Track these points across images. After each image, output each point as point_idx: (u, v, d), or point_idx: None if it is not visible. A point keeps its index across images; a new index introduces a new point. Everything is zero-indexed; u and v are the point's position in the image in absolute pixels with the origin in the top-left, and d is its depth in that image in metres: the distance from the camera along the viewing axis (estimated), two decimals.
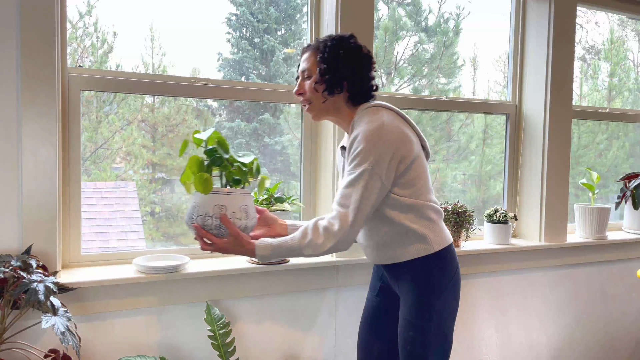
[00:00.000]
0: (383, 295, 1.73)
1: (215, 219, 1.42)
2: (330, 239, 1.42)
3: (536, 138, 2.52)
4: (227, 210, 1.42)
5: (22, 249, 1.57)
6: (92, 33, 1.91)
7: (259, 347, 1.93)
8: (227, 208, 1.42)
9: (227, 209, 1.42)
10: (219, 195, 1.43)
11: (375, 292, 1.75)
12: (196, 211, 1.43)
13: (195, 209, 1.44)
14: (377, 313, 1.73)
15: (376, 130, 1.43)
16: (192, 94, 1.94)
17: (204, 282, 1.80)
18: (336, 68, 1.53)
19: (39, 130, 1.58)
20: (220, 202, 1.42)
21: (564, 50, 2.48)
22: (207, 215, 1.42)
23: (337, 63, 1.53)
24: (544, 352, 2.59)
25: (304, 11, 2.24)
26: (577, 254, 2.59)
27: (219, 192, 1.43)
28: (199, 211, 1.43)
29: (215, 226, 1.42)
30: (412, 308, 1.53)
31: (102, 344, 1.69)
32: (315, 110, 1.59)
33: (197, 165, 1.44)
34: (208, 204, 1.42)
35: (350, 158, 1.46)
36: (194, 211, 1.44)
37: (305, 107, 1.62)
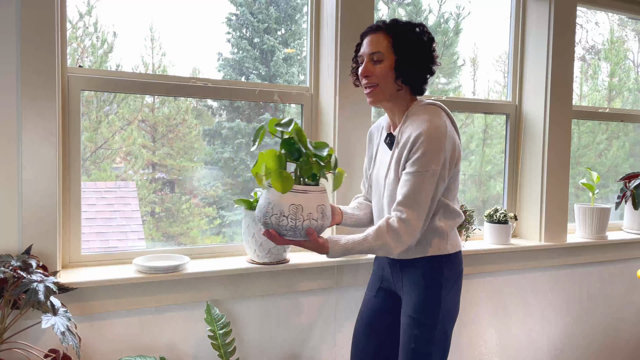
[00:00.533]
0: (382, 296, 1.71)
1: (290, 220, 1.35)
2: (403, 244, 1.45)
3: (536, 138, 2.52)
4: (304, 210, 1.36)
5: (22, 249, 1.57)
6: (92, 33, 1.91)
7: (259, 347, 1.93)
8: (304, 208, 1.36)
9: (303, 208, 1.36)
10: (296, 194, 1.36)
11: (374, 293, 1.74)
12: (271, 209, 1.37)
13: (270, 207, 1.37)
14: (375, 314, 1.72)
15: (442, 133, 1.45)
16: (192, 94, 1.94)
17: (204, 282, 1.80)
18: (417, 57, 1.52)
19: (39, 130, 1.58)
20: (297, 201, 1.35)
21: (564, 50, 2.48)
22: (283, 215, 1.36)
23: (418, 52, 1.52)
24: (544, 352, 2.59)
25: (304, 11, 2.24)
26: (577, 254, 2.59)
27: (296, 191, 1.36)
28: (274, 209, 1.36)
29: (290, 227, 1.36)
30: (418, 305, 1.54)
31: (102, 344, 1.69)
32: (379, 95, 1.54)
33: (274, 160, 1.35)
34: (284, 202, 1.35)
35: (413, 158, 1.45)
36: (268, 208, 1.38)
37: (366, 90, 1.56)
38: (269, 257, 1.85)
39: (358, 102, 2.00)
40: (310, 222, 1.37)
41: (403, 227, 1.43)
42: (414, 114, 1.53)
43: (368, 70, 1.53)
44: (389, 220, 1.46)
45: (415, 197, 1.44)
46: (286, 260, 1.91)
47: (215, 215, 2.17)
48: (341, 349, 2.07)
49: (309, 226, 1.37)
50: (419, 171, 1.44)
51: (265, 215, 1.38)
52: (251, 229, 1.82)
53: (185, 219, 2.13)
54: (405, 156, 1.48)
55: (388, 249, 1.45)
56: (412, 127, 1.49)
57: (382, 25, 1.55)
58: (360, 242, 1.45)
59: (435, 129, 1.45)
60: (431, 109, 1.53)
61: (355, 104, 2.00)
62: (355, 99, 2.00)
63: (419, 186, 1.44)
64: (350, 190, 2.00)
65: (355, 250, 1.46)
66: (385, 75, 1.52)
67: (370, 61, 1.53)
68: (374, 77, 1.52)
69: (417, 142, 1.44)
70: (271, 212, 1.36)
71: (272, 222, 1.37)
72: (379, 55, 1.52)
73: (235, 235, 2.17)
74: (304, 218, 1.36)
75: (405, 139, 1.50)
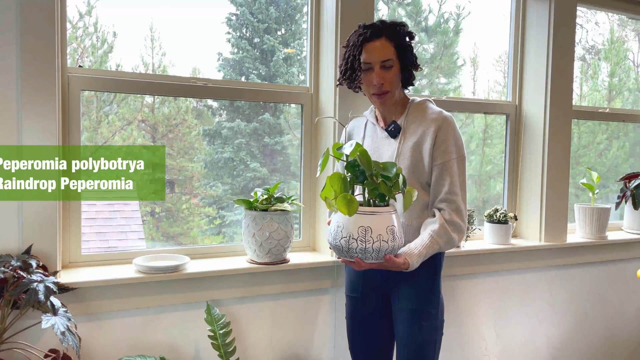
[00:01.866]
0: (369, 296, 1.68)
1: (360, 242, 1.36)
2: (462, 232, 1.55)
3: (536, 138, 2.52)
4: (373, 232, 1.35)
5: (22, 249, 1.57)
6: (92, 33, 1.91)
7: (259, 347, 1.93)
8: (373, 230, 1.35)
9: (372, 230, 1.35)
10: (363, 216, 1.36)
11: (358, 294, 1.69)
12: (340, 232, 1.39)
13: (339, 230, 1.39)
14: (370, 315, 1.69)
15: (453, 119, 1.58)
16: (192, 94, 1.94)
17: (204, 282, 1.80)
18: (413, 59, 1.62)
19: (39, 130, 1.58)
20: (365, 223, 1.36)
21: (564, 50, 2.48)
22: (352, 238, 1.36)
23: (412, 53, 1.62)
24: (544, 352, 2.59)
25: (304, 11, 2.24)
26: (577, 254, 2.59)
27: (364, 213, 1.36)
28: (343, 233, 1.38)
29: (360, 249, 1.36)
30: (421, 296, 1.59)
31: (102, 344, 1.69)
32: (391, 99, 1.61)
33: (339, 183, 1.36)
34: (352, 225, 1.36)
35: (443, 147, 1.54)
36: (337, 232, 1.40)
37: (379, 97, 1.59)
38: (269, 257, 1.85)
39: (358, 102, 2.00)
40: (381, 244, 1.37)
41: (459, 216, 1.52)
42: (417, 107, 1.64)
43: (384, 78, 1.56)
44: (444, 213, 1.53)
45: (458, 182, 1.54)
46: (286, 260, 1.91)
47: (215, 215, 2.18)
48: (341, 349, 2.07)
49: (379, 248, 1.37)
50: (454, 158, 1.54)
51: (335, 239, 1.40)
52: (251, 229, 1.82)
53: (185, 219, 2.13)
54: (431, 147, 1.55)
55: (453, 242, 1.53)
56: (426, 119, 1.59)
57: (382, 29, 1.57)
58: (430, 246, 1.49)
59: (451, 118, 1.58)
60: (429, 103, 1.66)
61: (355, 103, 2.00)
62: (355, 98, 2.00)
63: (458, 171, 1.55)
64: None
65: (429, 255, 1.50)
66: (397, 81, 1.59)
67: (382, 68, 1.56)
68: (387, 83, 1.56)
69: (442, 130, 1.55)
70: (340, 235, 1.38)
71: (342, 245, 1.38)
72: (390, 62, 1.56)
73: (235, 235, 2.17)
74: (374, 240, 1.36)
75: (422, 130, 1.58)
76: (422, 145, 1.57)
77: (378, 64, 1.55)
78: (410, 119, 1.62)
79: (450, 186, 1.53)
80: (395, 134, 1.64)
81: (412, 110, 1.64)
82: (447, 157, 1.54)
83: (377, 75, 1.55)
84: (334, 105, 2.00)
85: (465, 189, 1.57)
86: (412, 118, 1.62)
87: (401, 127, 1.63)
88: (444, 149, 1.54)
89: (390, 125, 1.65)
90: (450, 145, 1.54)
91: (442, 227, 1.50)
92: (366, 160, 1.36)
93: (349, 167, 1.40)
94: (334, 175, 1.36)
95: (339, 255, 1.43)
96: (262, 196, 1.88)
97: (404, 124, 1.62)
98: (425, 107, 1.64)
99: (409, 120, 1.62)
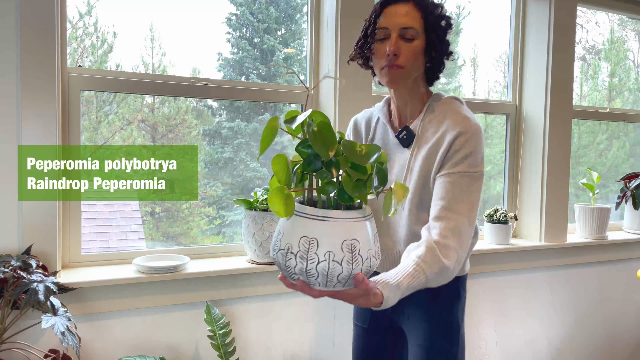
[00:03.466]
0: (378, 329, 1.44)
1: (299, 259, 0.91)
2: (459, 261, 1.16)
3: (536, 138, 2.52)
4: (319, 246, 0.90)
5: (22, 249, 1.57)
6: (92, 33, 1.91)
7: (259, 347, 1.93)
8: (320, 243, 0.90)
9: (319, 244, 0.90)
10: (308, 222, 0.91)
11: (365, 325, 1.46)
12: (279, 241, 0.95)
13: (279, 238, 0.96)
14: (382, 351, 1.43)
15: (482, 133, 1.25)
16: (192, 94, 1.94)
17: (204, 282, 1.80)
18: (444, 41, 1.29)
19: (39, 130, 1.58)
20: (310, 232, 0.90)
21: (564, 50, 2.48)
22: (290, 252, 0.92)
23: (445, 35, 1.29)
24: (544, 352, 2.59)
25: (304, 11, 2.24)
26: (578, 254, 2.59)
27: (310, 216, 0.91)
28: (282, 242, 0.94)
29: (299, 270, 0.92)
30: (437, 331, 1.30)
31: (102, 344, 1.69)
32: (403, 79, 1.27)
33: (283, 171, 0.94)
34: (293, 233, 0.92)
35: (456, 157, 1.21)
36: (276, 240, 0.97)
37: (389, 69, 1.26)
38: (269, 257, 1.85)
39: (358, 102, 2.00)
40: (330, 266, 0.90)
41: (455, 239, 1.14)
42: (440, 107, 1.30)
43: (399, 48, 1.23)
44: (436, 236, 1.14)
45: (464, 200, 1.18)
46: None
47: (215, 215, 2.18)
48: (341, 349, 2.07)
49: (327, 272, 0.91)
50: (467, 172, 1.20)
51: (273, 248, 0.98)
52: (251, 229, 1.82)
53: (185, 219, 2.13)
54: (442, 156, 1.22)
55: (446, 273, 1.12)
56: (445, 123, 1.25)
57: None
58: (413, 275, 1.07)
59: (477, 128, 1.23)
60: (458, 104, 1.31)
61: (356, 103, 2.00)
62: (356, 98, 2.00)
63: (467, 188, 1.19)
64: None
65: (411, 289, 1.08)
66: (417, 57, 1.26)
67: (401, 37, 1.24)
68: (403, 57, 1.24)
69: (460, 138, 1.21)
70: (278, 246, 0.95)
71: (279, 260, 0.95)
72: (412, 32, 1.24)
73: (235, 235, 2.17)
74: (319, 258, 0.90)
75: (438, 135, 1.25)
76: (434, 156, 1.25)
77: (397, 30, 1.24)
78: (428, 122, 1.29)
79: (450, 201, 1.17)
80: (408, 143, 1.31)
81: (432, 109, 1.30)
82: (456, 168, 1.20)
83: (394, 43, 1.23)
84: (334, 105, 2.00)
85: (474, 210, 1.20)
86: (431, 121, 1.29)
87: (415, 134, 1.30)
88: (456, 160, 1.21)
89: (402, 132, 1.32)
90: (466, 156, 1.20)
91: (430, 251, 1.10)
92: (321, 140, 0.89)
93: (300, 147, 0.94)
94: (278, 159, 0.94)
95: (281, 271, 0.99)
96: (262, 196, 1.88)
97: (419, 129, 1.29)
98: (450, 107, 1.28)
99: (426, 123, 1.29)
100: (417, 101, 1.33)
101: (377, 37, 1.27)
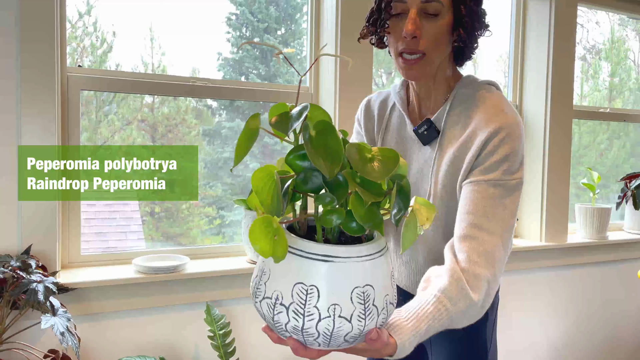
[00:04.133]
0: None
1: (294, 315, 0.67)
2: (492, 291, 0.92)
3: (537, 138, 2.52)
4: (321, 298, 0.66)
5: (22, 249, 1.57)
6: (92, 33, 1.91)
7: (259, 348, 1.93)
8: (321, 293, 0.66)
9: (319, 295, 0.66)
10: (305, 263, 0.67)
11: None
12: (262, 286, 0.70)
13: (262, 282, 0.71)
14: None
15: (522, 130, 1.01)
16: (192, 94, 1.93)
17: (204, 282, 1.80)
18: (479, 16, 1.03)
19: (38, 130, 1.58)
20: (309, 279, 0.66)
21: (564, 50, 2.48)
22: (280, 304, 0.67)
23: (479, 9, 1.04)
24: (544, 352, 2.58)
25: (304, 11, 2.24)
26: (578, 254, 2.59)
27: (308, 256, 0.67)
28: (267, 289, 0.69)
29: (293, 328, 0.68)
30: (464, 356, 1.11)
31: (102, 344, 1.69)
32: (427, 68, 1.02)
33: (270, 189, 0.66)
34: (284, 279, 0.68)
35: (489, 160, 0.97)
36: (259, 283, 0.71)
37: (408, 62, 1.01)
38: None
39: (358, 102, 1.99)
40: (335, 323, 0.66)
41: (488, 268, 0.90)
42: (470, 96, 1.06)
43: (418, 28, 0.97)
44: (463, 262, 0.90)
45: (497, 216, 0.95)
46: None
47: (215, 215, 2.17)
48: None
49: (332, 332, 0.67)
50: (501, 180, 0.96)
51: (255, 295, 0.72)
52: None
53: (185, 219, 2.13)
54: (472, 159, 0.99)
55: (475, 311, 0.89)
56: (477, 117, 1.02)
57: None
58: (434, 316, 0.83)
59: (517, 124, 0.99)
60: (496, 93, 1.06)
61: (356, 103, 1.99)
62: (357, 98, 1.99)
63: (501, 200, 0.95)
64: None
65: (432, 332, 0.84)
66: (442, 39, 1.00)
67: (422, 13, 0.99)
68: (425, 39, 0.99)
69: (495, 139, 0.97)
70: (262, 293, 0.70)
71: (264, 312, 0.71)
72: (436, 6, 0.98)
73: (235, 235, 2.17)
74: (320, 315, 0.66)
75: (468, 133, 1.01)
76: (461, 159, 1.01)
77: (416, 3, 0.98)
78: (455, 115, 1.05)
79: (480, 217, 0.93)
80: (429, 141, 1.08)
81: (460, 98, 1.06)
82: (489, 175, 0.96)
83: (411, 22, 0.97)
84: (334, 105, 2.00)
85: (511, 229, 0.97)
86: (459, 114, 1.05)
87: (439, 130, 1.06)
88: (489, 165, 0.97)
89: (422, 126, 1.07)
90: (501, 160, 0.97)
91: (455, 283, 0.86)
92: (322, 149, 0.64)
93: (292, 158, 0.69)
94: (261, 174, 0.66)
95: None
96: None
97: (443, 122, 1.05)
98: (483, 97, 1.04)
99: (452, 115, 1.05)
100: (442, 87, 1.08)
101: (392, 11, 1.01)
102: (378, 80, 2.54)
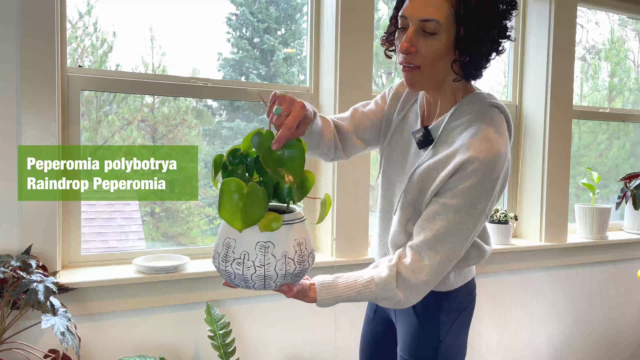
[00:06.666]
0: (379, 321, 1.38)
1: (258, 267, 0.93)
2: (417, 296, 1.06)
3: (536, 138, 2.52)
4: (276, 248, 0.93)
5: (22, 249, 1.57)
6: (92, 33, 1.91)
7: (259, 348, 1.93)
8: (275, 246, 0.94)
9: (274, 246, 0.94)
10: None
11: (372, 315, 1.40)
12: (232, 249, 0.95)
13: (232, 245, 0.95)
14: (374, 341, 1.39)
15: (502, 160, 1.03)
16: (192, 94, 1.93)
17: (204, 282, 1.80)
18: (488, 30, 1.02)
19: (39, 130, 1.58)
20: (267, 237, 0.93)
21: (564, 50, 2.48)
22: (249, 260, 0.94)
23: (491, 23, 1.02)
24: (544, 352, 2.59)
25: (304, 11, 2.24)
26: (578, 254, 2.59)
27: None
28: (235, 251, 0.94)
29: (257, 277, 0.95)
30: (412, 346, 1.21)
31: (102, 344, 1.69)
32: (420, 81, 1.07)
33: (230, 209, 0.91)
34: (247, 241, 0.93)
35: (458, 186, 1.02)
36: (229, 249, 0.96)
37: (403, 68, 1.07)
38: None
39: (358, 102, 1.99)
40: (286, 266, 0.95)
41: (421, 277, 1.03)
42: (469, 113, 1.08)
43: (410, 47, 1.03)
44: (403, 267, 1.04)
45: (450, 240, 1.03)
46: None
47: (215, 215, 2.17)
48: (341, 349, 2.07)
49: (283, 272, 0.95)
50: (462, 207, 1.01)
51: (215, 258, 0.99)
52: None
53: (185, 219, 2.13)
54: (444, 178, 1.03)
55: (396, 302, 1.06)
56: (463, 136, 1.05)
57: None
58: (361, 292, 1.05)
59: (496, 155, 1.01)
60: (496, 118, 1.07)
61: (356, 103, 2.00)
62: (356, 98, 1.99)
63: (457, 226, 1.02)
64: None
65: (353, 298, 1.06)
66: (437, 58, 1.04)
67: (418, 32, 1.03)
68: (419, 56, 1.04)
69: (468, 167, 1.01)
70: (233, 256, 0.95)
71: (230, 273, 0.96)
72: (433, 26, 1.01)
73: None
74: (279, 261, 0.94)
75: (450, 150, 1.05)
76: (437, 172, 1.06)
77: (415, 22, 1.02)
78: (452, 128, 1.09)
79: (433, 237, 1.03)
80: (422, 146, 1.13)
81: (460, 113, 1.09)
82: (454, 200, 1.02)
83: (405, 41, 1.02)
84: (334, 105, 2.00)
85: (459, 252, 1.05)
86: (455, 128, 1.09)
87: (433, 138, 1.11)
88: (458, 191, 1.02)
89: (419, 132, 1.13)
90: (470, 188, 1.01)
91: (389, 279, 1.03)
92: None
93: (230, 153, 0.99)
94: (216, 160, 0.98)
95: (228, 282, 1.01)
96: None
97: (440, 132, 1.10)
98: (479, 118, 1.06)
99: (449, 129, 1.09)
100: (448, 98, 1.12)
101: (399, 25, 1.07)
102: (378, 81, 2.54)
